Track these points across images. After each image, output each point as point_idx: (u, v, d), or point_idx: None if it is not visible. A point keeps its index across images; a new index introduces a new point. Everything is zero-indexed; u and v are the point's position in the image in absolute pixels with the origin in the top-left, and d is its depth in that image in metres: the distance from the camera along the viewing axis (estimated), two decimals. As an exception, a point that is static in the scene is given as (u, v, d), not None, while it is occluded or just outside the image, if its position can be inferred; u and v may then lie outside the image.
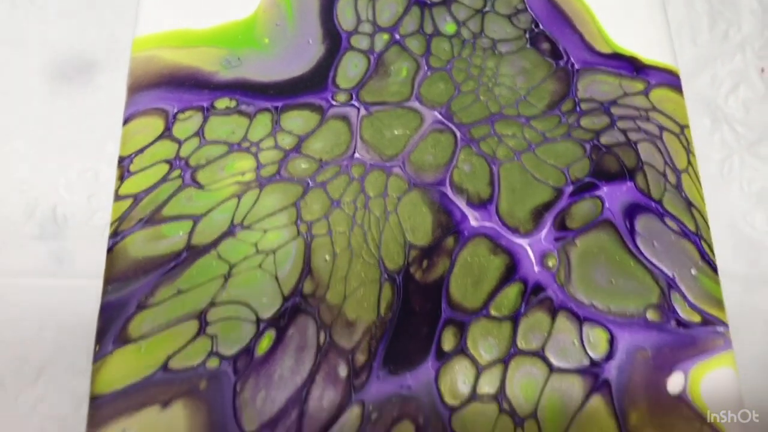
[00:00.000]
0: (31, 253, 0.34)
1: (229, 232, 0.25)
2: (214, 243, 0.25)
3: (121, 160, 0.26)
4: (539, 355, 0.24)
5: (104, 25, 0.39)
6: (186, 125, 0.26)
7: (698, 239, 0.26)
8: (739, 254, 0.37)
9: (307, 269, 0.24)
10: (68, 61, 0.38)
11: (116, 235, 0.25)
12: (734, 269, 0.36)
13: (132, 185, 0.25)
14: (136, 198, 0.25)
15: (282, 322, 0.24)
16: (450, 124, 0.27)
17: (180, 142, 0.26)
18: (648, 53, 0.29)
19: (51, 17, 0.39)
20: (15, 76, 0.38)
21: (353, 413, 0.23)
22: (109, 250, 0.24)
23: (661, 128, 0.28)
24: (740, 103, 0.40)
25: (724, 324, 0.25)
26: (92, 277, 0.30)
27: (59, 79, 0.37)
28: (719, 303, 0.25)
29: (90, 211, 0.35)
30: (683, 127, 0.28)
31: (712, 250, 0.26)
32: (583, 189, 0.27)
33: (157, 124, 0.26)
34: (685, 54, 0.41)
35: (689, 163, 0.28)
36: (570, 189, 0.27)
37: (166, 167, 0.26)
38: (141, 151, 0.26)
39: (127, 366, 0.23)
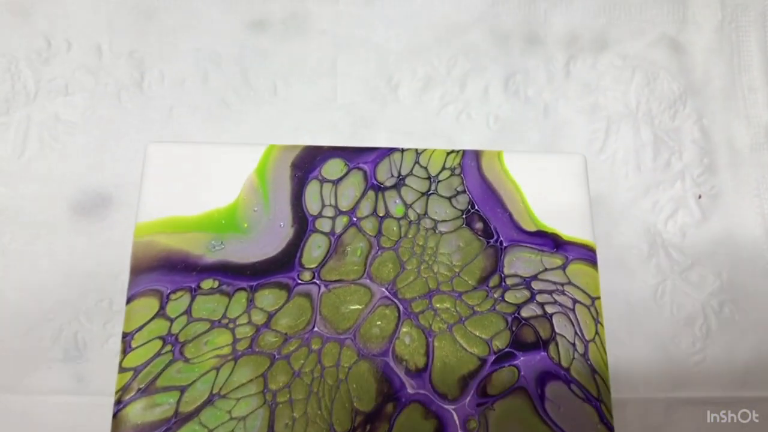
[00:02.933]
0: (57, 374, 0.41)
1: (209, 400, 0.31)
2: (197, 410, 0.31)
3: (124, 335, 0.32)
4: (457, 508, 0.30)
5: (117, 162, 0.45)
6: (177, 305, 0.32)
7: (599, 404, 0.32)
8: (665, 376, 0.42)
9: (271, 433, 0.31)
10: (86, 196, 0.44)
11: (120, 403, 0.31)
12: (660, 390, 0.42)
13: (133, 359, 0.32)
14: (136, 370, 0.31)
15: (250, 479, 0.30)
16: (395, 300, 0.33)
17: (172, 320, 0.32)
18: (568, 230, 0.35)
19: (72, 155, 0.45)
20: (43, 211, 0.44)
21: None
22: (114, 415, 0.31)
23: (575, 301, 0.33)
24: (678, 228, 0.46)
25: (615, 479, 0.30)
26: (107, 395, 0.36)
27: (79, 215, 0.44)
28: (613, 460, 0.31)
29: (105, 336, 0.42)
30: (594, 299, 0.33)
31: (610, 413, 0.32)
32: (503, 359, 0.32)
33: (153, 304, 0.32)
34: (629, 180, 0.47)
35: (597, 333, 0.33)
36: (492, 358, 0.32)
37: (159, 343, 0.32)
38: (140, 328, 0.32)
39: None
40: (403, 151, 0.36)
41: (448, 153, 0.36)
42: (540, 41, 0.48)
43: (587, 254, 0.34)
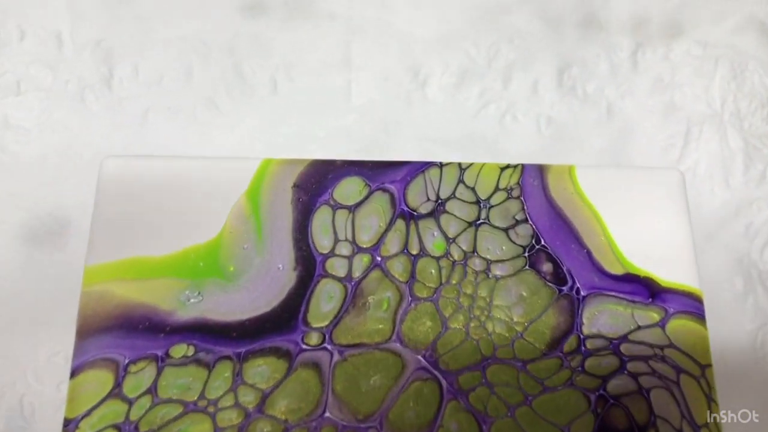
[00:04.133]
0: (-5, 451, 0.32)
1: None
2: None
3: (66, 423, 0.23)
4: None
5: (78, 179, 0.37)
6: (137, 379, 0.24)
7: None
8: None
9: None
10: (40, 221, 0.36)
11: None
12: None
13: (75, 458, 0.23)
14: (80, 475, 0.23)
15: None
16: (435, 371, 0.24)
17: (131, 402, 0.23)
18: (666, 273, 0.26)
19: (23, 169, 0.37)
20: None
21: None
22: None
23: (679, 370, 0.24)
24: (777, 258, 0.36)
25: None
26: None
27: (30, 245, 0.35)
28: None
29: (59, 400, 0.33)
30: (704, 368, 0.25)
31: None
32: (586, 455, 0.23)
33: (106, 379, 0.24)
34: (716, 198, 0.38)
35: (710, 413, 0.24)
36: (571, 455, 0.23)
37: (113, 435, 0.23)
38: (88, 413, 0.23)
39: None
40: (442, 165, 0.27)
41: (503, 168, 0.27)
42: (600, 26, 0.40)
43: (693, 306, 0.25)
